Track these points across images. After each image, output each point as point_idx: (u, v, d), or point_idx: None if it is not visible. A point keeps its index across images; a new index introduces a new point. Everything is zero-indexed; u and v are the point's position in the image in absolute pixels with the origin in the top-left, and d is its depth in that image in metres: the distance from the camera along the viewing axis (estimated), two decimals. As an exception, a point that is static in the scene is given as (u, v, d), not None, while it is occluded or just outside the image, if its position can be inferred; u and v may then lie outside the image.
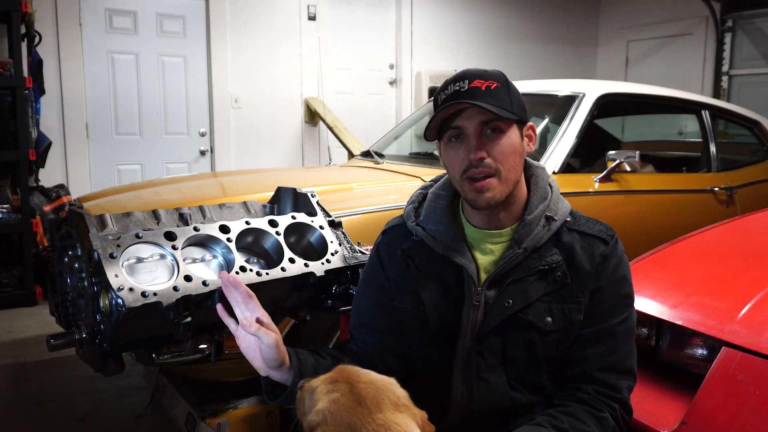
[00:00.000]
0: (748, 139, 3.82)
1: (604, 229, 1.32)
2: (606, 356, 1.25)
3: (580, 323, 1.26)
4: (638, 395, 1.51)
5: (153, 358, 1.48)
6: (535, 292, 1.25)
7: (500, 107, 1.22)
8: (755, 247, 2.02)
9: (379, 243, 1.44)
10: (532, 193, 1.32)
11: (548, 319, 1.25)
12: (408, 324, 1.34)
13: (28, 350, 3.36)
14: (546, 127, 3.25)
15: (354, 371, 1.04)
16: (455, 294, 1.30)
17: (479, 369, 1.27)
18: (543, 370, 1.27)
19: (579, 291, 1.26)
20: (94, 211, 1.76)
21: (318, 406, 0.97)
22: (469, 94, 1.22)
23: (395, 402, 0.98)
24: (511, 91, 1.27)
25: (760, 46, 6.57)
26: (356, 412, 0.94)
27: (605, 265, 1.28)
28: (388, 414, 0.95)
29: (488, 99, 1.22)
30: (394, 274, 1.38)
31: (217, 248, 1.49)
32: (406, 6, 6.33)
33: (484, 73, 1.26)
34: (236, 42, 5.49)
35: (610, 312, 1.27)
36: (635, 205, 2.99)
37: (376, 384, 1.01)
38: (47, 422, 2.58)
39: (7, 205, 4.19)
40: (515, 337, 1.26)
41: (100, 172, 5.09)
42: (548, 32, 7.32)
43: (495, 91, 1.24)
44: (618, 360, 1.26)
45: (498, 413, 1.27)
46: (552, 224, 1.29)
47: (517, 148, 1.27)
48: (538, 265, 1.26)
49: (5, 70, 4.06)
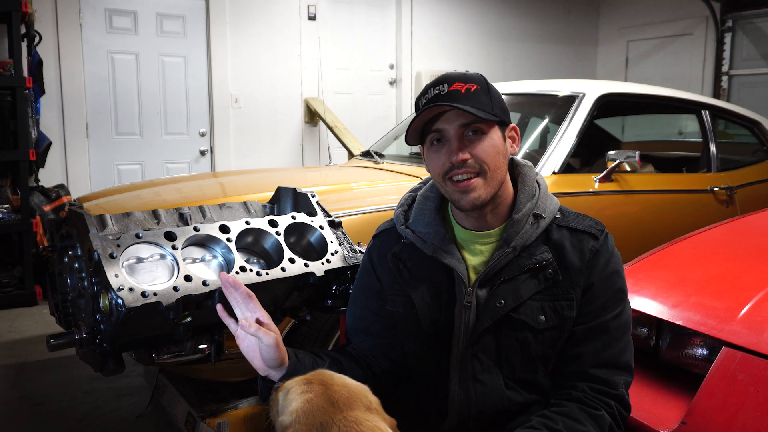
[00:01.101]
0: (748, 139, 3.82)
1: (593, 224, 1.32)
2: (601, 352, 1.25)
3: (573, 320, 1.26)
4: (638, 395, 1.51)
5: (153, 358, 1.48)
6: (526, 291, 1.25)
7: (480, 109, 1.23)
8: (755, 247, 2.02)
9: (371, 248, 1.45)
10: (519, 192, 1.32)
11: (541, 317, 1.25)
12: (402, 327, 1.34)
13: (28, 350, 3.36)
14: (546, 127, 3.25)
15: (329, 375, 1.06)
16: (447, 296, 1.30)
17: (475, 371, 1.27)
18: (538, 368, 1.27)
19: (570, 288, 1.26)
20: (94, 211, 1.77)
21: (292, 407, 0.99)
22: (449, 98, 1.23)
23: (367, 405, 1.00)
24: (492, 94, 1.27)
25: (760, 46, 6.57)
26: (328, 412, 0.96)
27: (596, 260, 1.27)
28: (359, 412, 0.97)
29: (468, 102, 1.23)
30: (386, 278, 1.38)
31: (217, 248, 1.49)
32: (406, 6, 6.33)
33: (464, 77, 1.27)
34: (236, 42, 5.49)
35: (603, 308, 1.26)
36: (635, 205, 2.99)
37: (349, 387, 1.03)
38: (47, 422, 2.58)
39: (7, 205, 4.19)
40: (509, 336, 1.26)
41: (100, 172, 5.09)
42: (548, 32, 7.32)
43: (475, 93, 1.24)
44: (613, 356, 1.25)
45: (496, 414, 1.27)
46: (540, 222, 1.29)
47: (500, 149, 1.27)
48: (529, 263, 1.26)
49: (5, 70, 4.06)
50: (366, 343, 1.39)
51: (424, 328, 1.30)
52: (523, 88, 3.45)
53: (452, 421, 1.29)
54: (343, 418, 0.95)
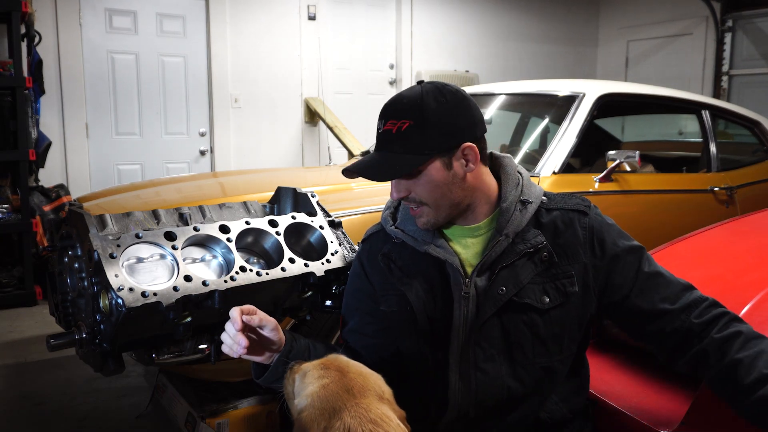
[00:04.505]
0: (748, 139, 3.82)
1: (579, 201, 1.35)
2: (666, 291, 1.29)
3: (578, 295, 1.29)
4: (638, 395, 1.51)
5: (153, 358, 1.48)
6: (525, 276, 1.28)
7: (404, 153, 1.24)
8: (755, 247, 2.01)
9: (360, 252, 1.47)
10: (503, 183, 1.35)
11: (545, 298, 1.27)
12: (398, 326, 1.35)
13: (28, 350, 3.36)
14: (546, 127, 3.25)
15: (345, 361, 1.10)
16: (440, 290, 1.31)
17: (477, 360, 1.28)
18: (551, 350, 1.28)
19: (568, 264, 1.29)
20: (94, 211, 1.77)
21: (308, 390, 1.03)
22: (381, 140, 1.28)
23: (380, 394, 1.04)
24: (427, 125, 1.23)
25: (760, 46, 6.57)
26: (343, 398, 1.00)
27: (597, 236, 1.32)
28: (371, 400, 1.01)
29: (393, 145, 1.26)
30: (377, 279, 1.39)
31: (217, 248, 1.49)
32: (406, 6, 6.33)
33: (400, 111, 1.26)
34: (236, 42, 5.49)
35: (632, 265, 1.31)
36: (635, 205, 2.99)
37: (364, 375, 1.07)
38: (47, 422, 2.58)
39: (7, 205, 4.19)
40: (515, 320, 1.27)
41: (100, 172, 5.09)
42: (548, 32, 7.32)
43: (406, 132, 1.24)
44: (676, 285, 1.30)
45: (495, 404, 1.28)
46: (528, 207, 1.31)
47: (439, 181, 1.27)
48: (524, 248, 1.28)
49: (5, 70, 4.05)
50: (361, 343, 1.40)
51: (421, 324, 1.31)
52: (523, 88, 3.45)
53: (452, 412, 1.30)
54: (355, 404, 0.99)
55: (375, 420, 0.96)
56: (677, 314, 1.27)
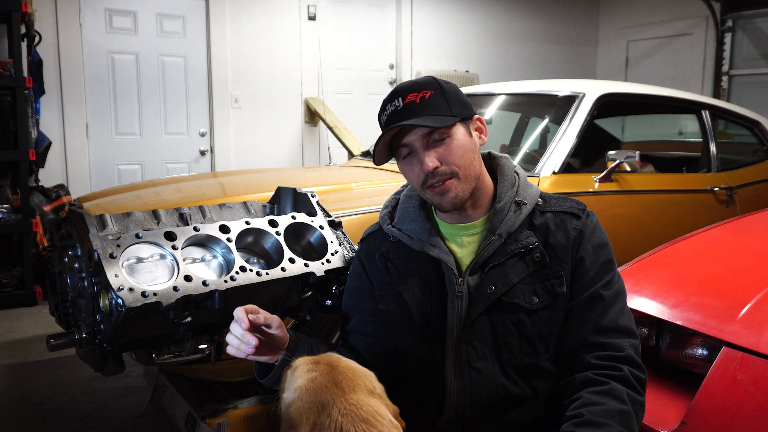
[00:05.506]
0: (748, 139, 3.82)
1: (574, 204, 1.35)
2: (598, 320, 1.26)
3: (566, 296, 1.28)
4: (638, 395, 1.51)
5: (153, 358, 1.48)
6: (515, 276, 1.28)
7: (437, 115, 1.26)
8: (755, 247, 2.02)
9: (359, 251, 1.48)
10: (499, 182, 1.36)
11: (534, 298, 1.27)
12: (395, 326, 1.36)
13: (28, 350, 3.36)
14: (546, 127, 3.25)
15: (336, 357, 1.08)
16: (436, 289, 1.32)
17: (470, 359, 1.28)
18: (539, 350, 1.28)
19: (559, 266, 1.29)
20: (94, 211, 1.77)
21: (296, 383, 1.02)
22: (406, 111, 1.27)
23: (370, 390, 1.01)
24: (447, 94, 1.30)
25: (760, 46, 6.57)
26: (331, 392, 0.98)
27: (581, 237, 1.31)
28: (361, 396, 0.98)
29: (424, 111, 1.26)
30: (376, 278, 1.41)
31: (217, 248, 1.49)
32: (406, 6, 6.33)
33: (415, 85, 1.30)
34: (236, 42, 5.49)
35: (594, 279, 1.29)
36: (635, 205, 2.99)
37: (355, 370, 1.04)
38: (47, 422, 2.58)
39: (7, 205, 4.19)
40: (504, 320, 1.28)
41: (100, 172, 5.09)
42: (548, 32, 7.32)
43: (430, 100, 1.28)
44: (611, 321, 1.26)
45: (491, 403, 1.28)
46: (522, 208, 1.32)
47: (468, 146, 1.30)
48: (515, 248, 1.29)
49: (5, 70, 4.06)
50: (360, 342, 1.41)
51: (417, 323, 1.32)
52: (523, 88, 3.45)
53: (449, 412, 1.30)
54: (344, 400, 0.96)
55: (367, 419, 0.94)
56: (585, 346, 1.25)
